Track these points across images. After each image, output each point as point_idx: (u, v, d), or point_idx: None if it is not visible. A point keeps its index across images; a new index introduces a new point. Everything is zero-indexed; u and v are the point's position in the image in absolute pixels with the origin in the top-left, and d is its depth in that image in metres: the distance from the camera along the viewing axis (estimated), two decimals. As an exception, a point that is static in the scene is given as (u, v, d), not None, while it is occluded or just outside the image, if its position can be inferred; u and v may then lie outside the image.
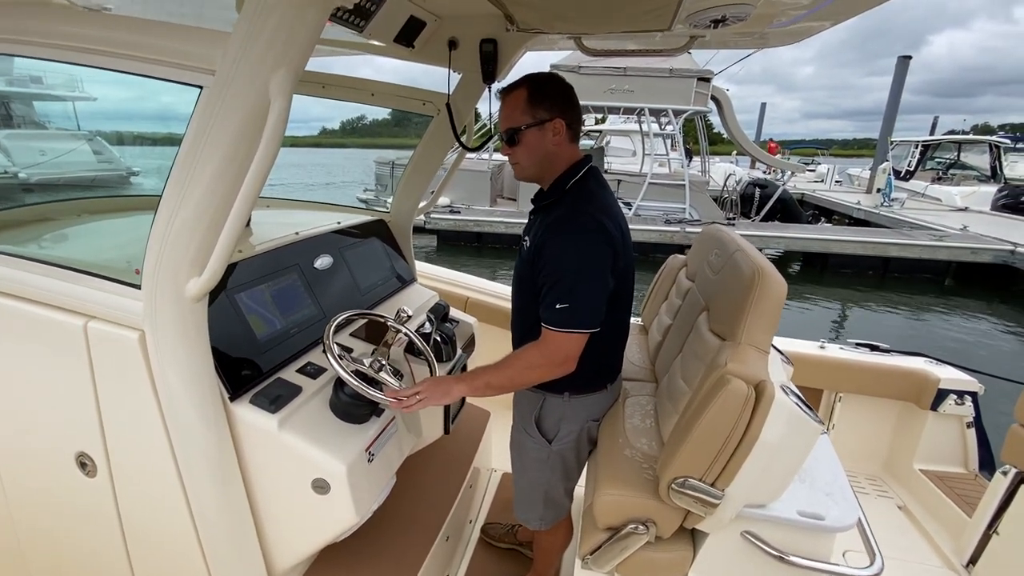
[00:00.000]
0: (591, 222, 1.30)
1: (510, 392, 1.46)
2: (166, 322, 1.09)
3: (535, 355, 1.32)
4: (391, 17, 1.66)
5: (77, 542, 1.44)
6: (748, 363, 1.26)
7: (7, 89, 13.03)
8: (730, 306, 1.48)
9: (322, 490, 1.24)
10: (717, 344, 1.46)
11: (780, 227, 12.36)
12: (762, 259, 1.51)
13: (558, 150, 1.39)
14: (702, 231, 2.12)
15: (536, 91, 1.36)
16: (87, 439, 1.27)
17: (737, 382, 1.19)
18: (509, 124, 1.38)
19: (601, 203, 1.36)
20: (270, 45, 0.89)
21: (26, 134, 12.83)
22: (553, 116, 1.36)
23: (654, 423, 1.61)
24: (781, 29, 1.79)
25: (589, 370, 1.46)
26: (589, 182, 1.40)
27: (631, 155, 17.90)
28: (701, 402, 1.25)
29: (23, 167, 11.44)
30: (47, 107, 14.24)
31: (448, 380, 1.37)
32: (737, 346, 1.34)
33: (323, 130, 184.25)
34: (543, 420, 1.54)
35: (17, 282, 1.24)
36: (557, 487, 1.59)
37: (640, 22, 1.74)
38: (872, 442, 2.73)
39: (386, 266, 2.10)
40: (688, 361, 1.59)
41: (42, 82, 13.63)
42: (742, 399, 1.19)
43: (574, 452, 1.57)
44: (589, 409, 1.55)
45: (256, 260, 1.52)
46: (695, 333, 1.64)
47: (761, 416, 1.18)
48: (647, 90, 12.39)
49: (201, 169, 0.98)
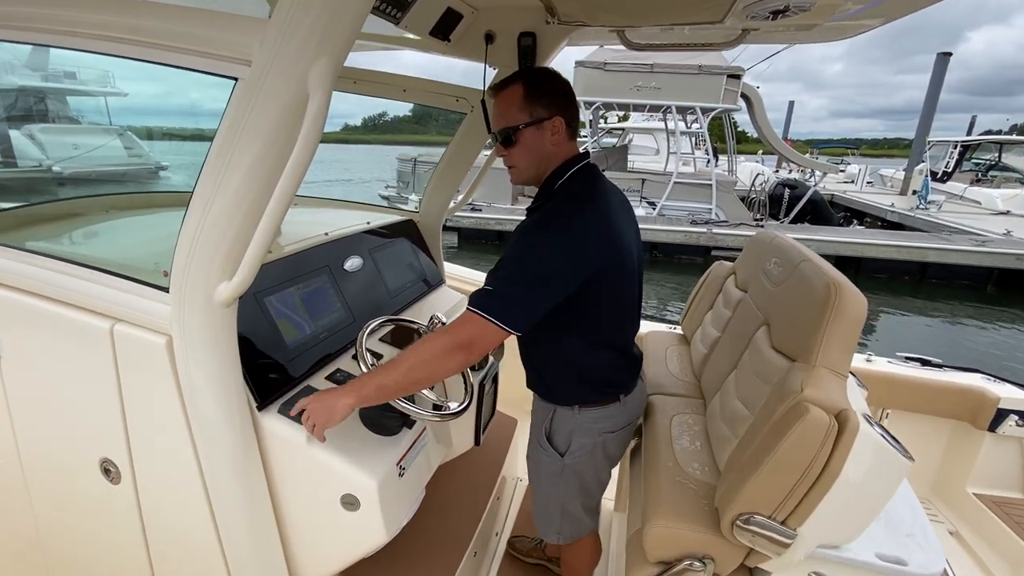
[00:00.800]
0: (559, 223, 1.19)
1: (414, 390, 1.21)
2: (194, 327, 1.04)
3: (436, 339, 1.15)
4: (428, 8, 1.59)
5: (100, 548, 1.40)
6: (827, 389, 1.14)
7: (42, 84, 13.41)
8: (800, 323, 1.36)
9: (351, 506, 1.17)
10: (783, 364, 1.34)
11: (811, 229, 12.01)
12: (836, 271, 1.39)
13: (556, 150, 1.30)
14: (753, 237, 1.99)
15: (533, 87, 1.26)
16: (111, 445, 1.23)
17: (817, 411, 1.08)
18: (504, 123, 1.28)
19: (588, 208, 1.23)
20: (311, 33, 0.82)
21: (60, 128, 13.18)
22: (552, 114, 1.26)
23: (705, 445, 1.50)
24: (832, 24, 1.67)
25: (597, 381, 1.38)
26: (580, 184, 1.29)
27: (654, 153, 17.63)
28: (773, 431, 1.14)
29: (56, 160, 11.75)
30: (80, 102, 14.63)
31: (332, 395, 1.12)
32: (811, 369, 1.23)
33: (345, 126, 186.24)
34: (554, 433, 1.47)
35: (43, 281, 1.20)
36: (573, 502, 1.51)
37: (691, 14, 1.64)
38: (921, 463, 2.58)
39: (415, 268, 2.04)
40: (746, 380, 1.47)
41: (76, 77, 14.00)
42: (823, 431, 1.07)
43: (590, 467, 1.48)
44: (602, 423, 1.44)
45: (285, 261, 1.46)
46: (753, 350, 1.52)
47: (844, 450, 1.07)
48: (675, 87, 12.14)
49: (235, 166, 0.91)
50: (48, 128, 12.90)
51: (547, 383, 1.45)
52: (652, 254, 12.02)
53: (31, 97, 13.11)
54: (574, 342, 1.34)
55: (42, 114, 13.26)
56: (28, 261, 1.23)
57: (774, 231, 1.92)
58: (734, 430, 1.37)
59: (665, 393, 1.84)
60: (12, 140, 11.62)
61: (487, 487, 1.91)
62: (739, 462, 1.24)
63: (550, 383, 1.44)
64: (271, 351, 1.27)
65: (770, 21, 1.62)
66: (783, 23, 1.64)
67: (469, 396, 1.38)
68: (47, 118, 13.36)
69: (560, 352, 1.37)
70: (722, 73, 11.86)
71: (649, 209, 12.85)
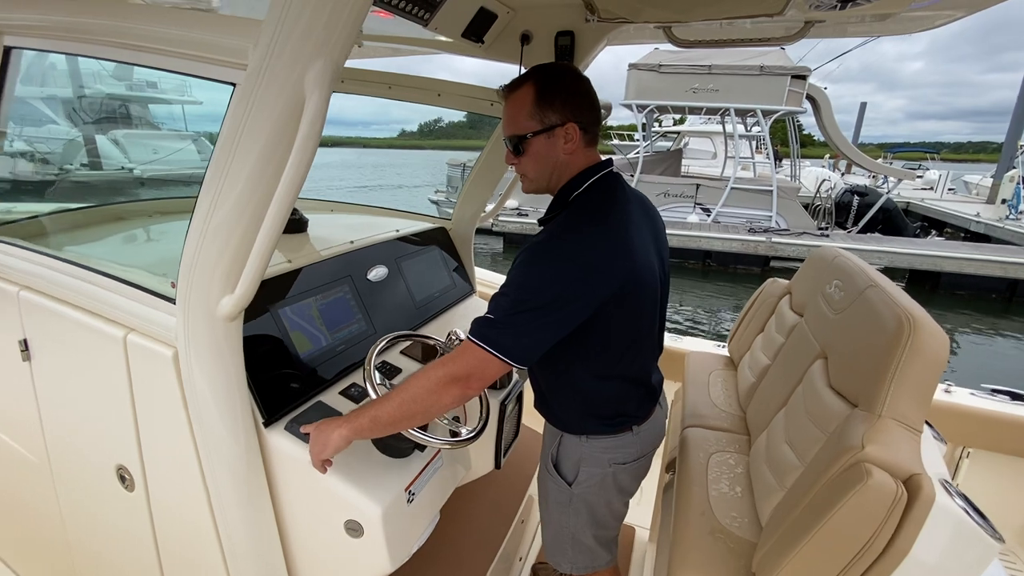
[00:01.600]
0: (570, 242, 1.07)
1: (409, 426, 1.09)
2: (199, 341, 1.01)
3: (432, 371, 1.05)
4: (459, 8, 1.52)
5: (117, 550, 1.42)
6: (895, 448, 0.96)
7: (127, 93, 14.55)
8: (863, 361, 1.17)
9: (355, 533, 1.11)
10: (842, 409, 1.16)
11: (881, 240, 11.16)
12: (911, 301, 1.19)
13: (570, 159, 1.16)
14: (813, 253, 1.77)
15: (545, 89, 1.12)
16: (126, 453, 1.23)
17: (881, 475, 0.90)
18: (513, 130, 1.16)
19: (605, 225, 1.10)
20: (307, 33, 0.76)
21: (141, 134, 14.24)
22: (565, 120, 1.12)
23: (747, 492, 1.33)
24: (911, 14, 1.46)
25: (606, 412, 1.25)
26: (598, 196, 1.15)
27: (711, 157, 16.97)
28: (826, 492, 0.97)
29: (138, 163, 12.70)
30: (160, 109, 15.75)
31: (328, 426, 1.06)
32: (876, 419, 1.04)
33: (402, 132, 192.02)
34: (561, 461, 1.35)
35: (69, 288, 1.23)
36: (584, 533, 1.39)
37: (746, 6, 1.48)
38: (1006, 508, 2.26)
39: (444, 277, 1.97)
40: (797, 422, 1.29)
41: (156, 87, 15.09)
42: (887, 500, 0.89)
43: (601, 498, 1.34)
44: (612, 453, 1.30)
45: (306, 271, 1.43)
46: (807, 386, 1.34)
47: (914, 525, 0.89)
48: (734, 89, 11.62)
49: (234, 175, 0.87)
50: (131, 134, 13.97)
51: (552, 409, 1.34)
52: (705, 263, 11.54)
53: (116, 104, 14.27)
54: (580, 372, 1.21)
55: (125, 120, 14.40)
56: (58, 268, 1.25)
57: (837, 248, 1.69)
58: (780, 480, 1.19)
59: (705, 426, 1.67)
60: (98, 144, 12.68)
61: (510, 509, 1.81)
62: (784, 522, 1.07)
63: (555, 410, 1.32)
64: (282, 365, 1.23)
65: (837, 11, 1.44)
66: (853, 12, 1.46)
67: (483, 419, 1.29)
68: (130, 124, 14.50)
69: (566, 381, 1.25)
70: (786, 74, 11.24)
71: (703, 216, 12.35)
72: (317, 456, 1.05)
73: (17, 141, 11.21)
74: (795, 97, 11.52)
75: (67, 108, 13.03)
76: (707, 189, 12.46)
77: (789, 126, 13.90)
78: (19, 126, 11.93)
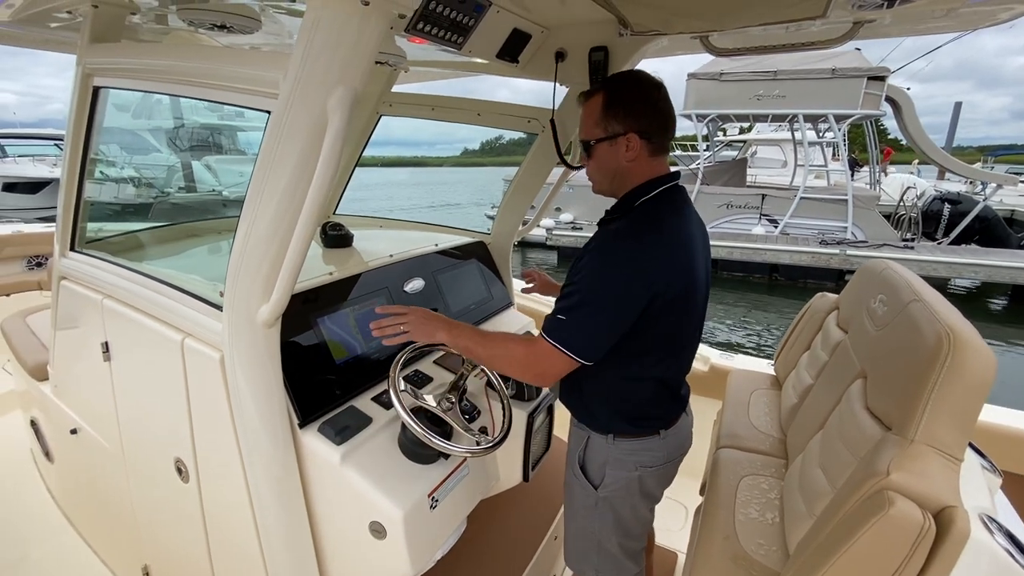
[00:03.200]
0: (634, 254, 1.13)
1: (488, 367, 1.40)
2: (241, 346, 1.11)
3: (519, 353, 1.19)
4: (492, 31, 1.58)
5: (175, 535, 1.56)
6: (926, 476, 0.88)
7: (218, 122, 16.06)
8: (900, 381, 1.09)
9: (379, 534, 1.16)
10: (876, 432, 1.07)
11: (977, 252, 10.09)
12: (958, 317, 1.10)
13: (632, 167, 1.22)
14: (863, 267, 1.64)
15: (612, 99, 1.19)
16: (183, 447, 1.35)
17: (905, 504, 0.83)
18: (583, 135, 1.26)
19: (665, 231, 1.17)
20: (328, 64, 0.85)
21: (230, 159, 15.63)
22: (627, 130, 1.18)
23: (778, 519, 1.25)
24: (975, 9, 1.34)
25: (634, 413, 1.29)
26: (661, 206, 1.21)
27: (781, 166, 16.13)
28: (849, 520, 0.90)
29: (226, 186, 13.93)
30: (247, 136, 17.24)
31: (438, 321, 1.26)
32: (908, 444, 0.96)
33: (464, 150, 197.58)
34: (587, 463, 1.38)
35: (140, 296, 1.38)
36: (610, 539, 1.39)
37: (785, 11, 1.43)
38: None
39: (481, 290, 2.02)
40: (832, 446, 1.21)
41: (244, 116, 16.54)
42: (912, 533, 0.81)
43: (627, 503, 1.36)
44: (639, 455, 1.33)
45: (346, 282, 1.52)
46: (845, 407, 1.25)
47: (945, 562, 0.80)
48: (802, 94, 11.01)
49: (269, 194, 0.97)
50: (222, 159, 15.40)
51: (583, 402, 1.36)
52: (772, 277, 10.94)
53: (209, 133, 15.81)
54: (619, 371, 1.25)
55: (217, 147, 15.89)
56: (132, 279, 1.42)
57: (888, 260, 1.56)
58: (811, 507, 1.11)
59: (739, 447, 1.59)
60: (194, 169, 14.09)
61: (543, 523, 1.80)
62: (809, 549, 1.00)
63: (586, 403, 1.36)
64: (318, 370, 1.32)
65: (885, 9, 1.36)
66: (904, 11, 1.37)
67: (504, 431, 1.30)
68: (221, 150, 15.98)
69: (600, 377, 1.28)
70: (861, 75, 10.52)
71: (770, 227, 11.73)
72: (419, 338, 1.24)
73: (126, 168, 12.70)
74: (872, 100, 10.75)
75: (168, 138, 14.60)
76: (774, 199, 11.84)
77: (867, 131, 12.97)
78: (129, 154, 13.50)
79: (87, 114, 1.49)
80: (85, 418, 1.74)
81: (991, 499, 1.04)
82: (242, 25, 1.54)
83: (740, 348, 7.89)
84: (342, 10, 0.82)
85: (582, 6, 1.46)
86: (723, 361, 2.40)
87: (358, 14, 0.83)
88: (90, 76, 1.43)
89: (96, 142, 1.52)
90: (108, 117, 1.54)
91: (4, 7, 1.44)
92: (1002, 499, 1.12)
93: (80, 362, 1.70)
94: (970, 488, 0.90)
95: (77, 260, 1.61)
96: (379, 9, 0.84)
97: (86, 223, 1.66)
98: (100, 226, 1.76)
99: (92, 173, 1.55)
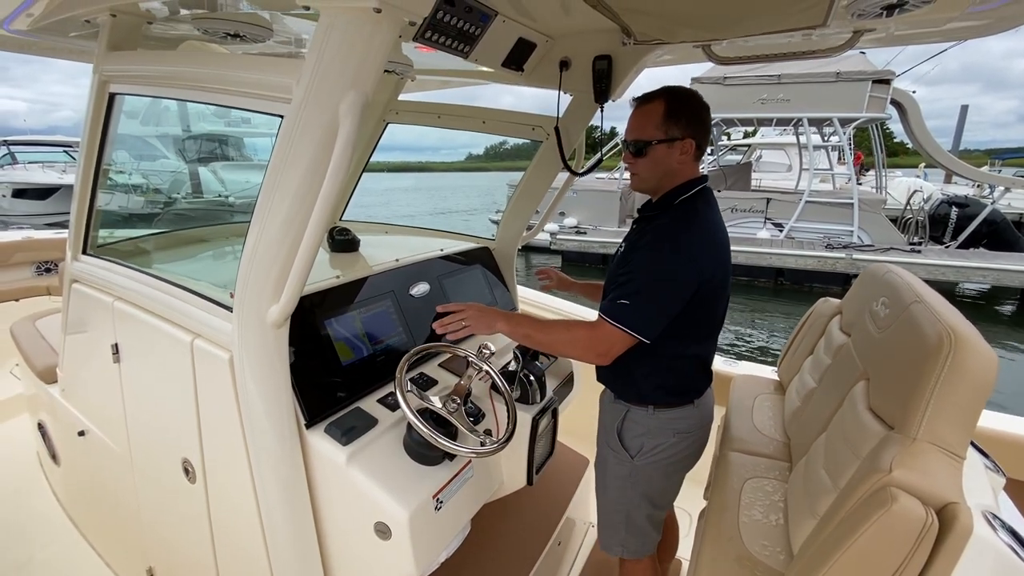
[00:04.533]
0: (685, 245, 1.29)
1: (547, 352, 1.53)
2: (250, 346, 1.13)
3: (582, 335, 1.33)
4: (498, 40, 1.61)
5: (180, 537, 1.58)
6: (928, 473, 0.89)
7: (225, 129, 16.20)
8: (902, 380, 1.11)
9: (383, 535, 1.17)
10: (878, 432, 1.09)
11: (985, 255, 10.02)
12: (959, 318, 1.11)
13: (681, 168, 1.38)
14: (866, 271, 1.66)
15: (675, 107, 1.34)
16: (190, 447, 1.38)
17: (907, 500, 0.84)
18: (639, 136, 1.37)
19: (704, 225, 1.34)
20: (341, 69, 0.88)
21: (236, 166, 15.76)
22: (686, 135, 1.34)
23: (781, 521, 1.26)
24: (979, 15, 1.36)
25: (677, 386, 1.43)
26: (698, 202, 1.37)
27: (786, 170, 16.08)
28: (851, 518, 0.92)
29: (233, 193, 14.06)
30: (253, 143, 17.38)
31: (495, 313, 1.42)
32: (910, 442, 0.97)
33: (469, 155, 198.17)
34: (625, 433, 1.50)
35: (149, 298, 1.41)
36: (639, 509, 1.50)
37: (785, 20, 1.46)
38: None
39: (485, 294, 2.04)
40: (835, 446, 1.22)
41: (250, 123, 16.70)
42: (915, 528, 0.82)
43: (660, 472, 1.48)
44: (676, 424, 1.47)
45: (353, 286, 1.54)
46: (848, 408, 1.27)
47: (948, 559, 0.81)
48: (807, 98, 11.01)
49: (281, 196, 0.99)
50: (228, 166, 15.52)
51: (631, 378, 1.45)
52: (777, 281, 10.90)
53: (216, 140, 15.95)
54: (664, 349, 1.36)
55: (224, 154, 16.03)
56: (143, 281, 1.45)
57: (890, 263, 1.57)
58: (814, 507, 1.12)
59: (743, 451, 1.61)
60: (200, 176, 14.22)
61: (547, 528, 1.81)
62: (811, 549, 1.01)
63: (634, 379, 1.45)
64: (325, 371, 1.34)
65: (885, 19, 1.38)
66: (903, 20, 1.39)
67: (509, 432, 1.32)
68: (228, 157, 16.10)
69: (650, 355, 1.37)
70: (866, 79, 10.51)
71: (775, 231, 11.70)
72: (480, 330, 1.40)
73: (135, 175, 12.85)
74: (877, 103, 10.73)
75: (176, 144, 14.75)
76: (779, 203, 11.81)
77: (873, 134, 12.94)
78: (137, 161, 13.66)
79: (103, 120, 1.53)
80: (93, 420, 1.77)
81: (994, 498, 1.05)
82: (254, 34, 1.57)
83: (744, 355, 7.86)
84: (355, 16, 0.86)
85: (586, 16, 1.49)
86: (726, 367, 2.41)
87: (371, 21, 0.86)
88: (106, 83, 1.47)
89: (111, 148, 1.56)
90: (120, 125, 1.58)
91: (24, 15, 1.48)
92: (1006, 500, 1.13)
93: (90, 364, 1.73)
94: (973, 486, 0.91)
95: (89, 263, 1.64)
96: (390, 16, 0.87)
97: (99, 227, 1.70)
98: (111, 231, 1.80)
99: (105, 179, 1.58)
